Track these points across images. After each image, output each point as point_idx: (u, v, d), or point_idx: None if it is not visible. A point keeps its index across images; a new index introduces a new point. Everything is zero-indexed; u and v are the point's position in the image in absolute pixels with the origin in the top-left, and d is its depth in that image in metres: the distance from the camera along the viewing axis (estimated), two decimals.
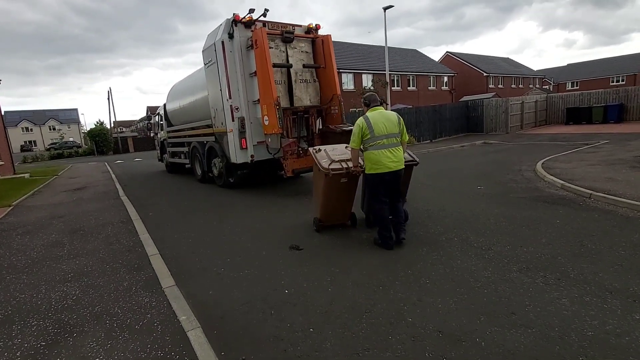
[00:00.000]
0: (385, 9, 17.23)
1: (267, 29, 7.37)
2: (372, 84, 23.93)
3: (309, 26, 8.15)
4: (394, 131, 4.07)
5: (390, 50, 19.78)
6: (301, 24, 8.19)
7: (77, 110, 76.91)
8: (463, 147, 14.92)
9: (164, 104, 12.98)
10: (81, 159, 29.95)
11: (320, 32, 8.27)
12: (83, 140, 57.74)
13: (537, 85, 43.37)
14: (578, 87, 46.42)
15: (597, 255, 3.65)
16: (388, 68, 18.59)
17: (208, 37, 8.18)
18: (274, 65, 7.24)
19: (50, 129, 64.37)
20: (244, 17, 7.35)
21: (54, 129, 63.51)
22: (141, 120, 70.21)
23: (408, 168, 4.63)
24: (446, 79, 34.17)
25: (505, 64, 43.26)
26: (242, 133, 7.61)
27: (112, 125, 40.63)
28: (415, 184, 7.34)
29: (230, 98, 7.49)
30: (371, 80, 25.74)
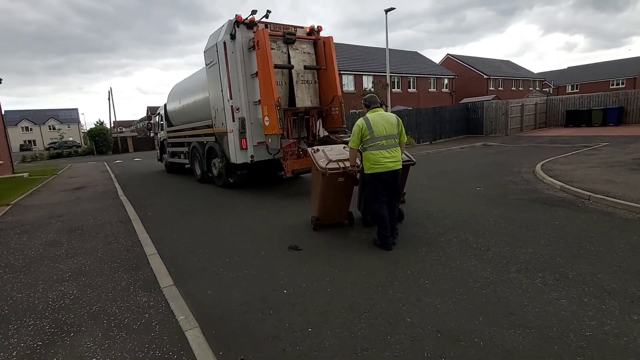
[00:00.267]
0: (387, 11, 17.24)
1: (269, 30, 7.39)
2: (373, 86, 23.90)
3: (311, 28, 8.18)
4: (393, 132, 4.16)
5: (391, 52, 19.78)
6: (303, 26, 8.23)
7: (77, 110, 77.20)
8: (463, 149, 14.93)
9: (165, 104, 13.01)
10: (80, 159, 29.92)
11: (321, 34, 8.30)
12: (83, 140, 57.73)
13: (537, 87, 43.46)
14: (578, 90, 46.47)
15: (596, 256, 3.66)
16: (389, 70, 18.61)
17: (210, 38, 8.19)
18: (276, 66, 7.26)
19: (50, 129, 64.35)
20: (246, 18, 7.37)
21: (54, 129, 63.50)
22: (141, 120, 70.26)
23: (405, 168, 4.78)
24: (446, 81, 34.21)
25: (505, 67, 43.36)
26: (243, 133, 7.62)
27: (112, 125, 40.65)
28: (414, 185, 7.37)
29: (231, 98, 7.51)
30: (372, 81, 25.72)
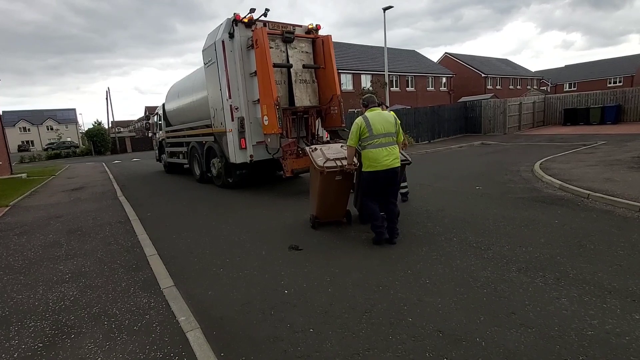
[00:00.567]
0: (384, 10, 17.25)
1: (268, 29, 7.37)
2: (371, 85, 23.91)
3: (310, 26, 8.16)
4: (391, 130, 4.23)
5: (389, 51, 19.77)
6: (301, 24, 8.19)
7: (75, 110, 76.90)
8: (461, 148, 14.95)
9: (163, 104, 12.96)
10: (79, 159, 29.85)
11: (320, 33, 8.28)
12: (81, 140, 57.52)
13: (535, 86, 43.51)
14: (576, 89, 46.54)
15: (596, 255, 3.66)
16: (387, 69, 18.60)
17: (208, 37, 8.16)
18: (274, 65, 7.24)
19: (48, 129, 64.02)
20: (245, 17, 7.35)
21: (52, 129, 63.20)
22: (139, 120, 70.05)
23: (401, 168, 4.77)
24: (445, 80, 34.24)
25: (503, 65, 43.42)
26: (242, 133, 7.60)
27: (110, 125, 40.52)
28: (414, 185, 7.37)
29: (230, 98, 7.49)
30: (370, 80, 25.73)
